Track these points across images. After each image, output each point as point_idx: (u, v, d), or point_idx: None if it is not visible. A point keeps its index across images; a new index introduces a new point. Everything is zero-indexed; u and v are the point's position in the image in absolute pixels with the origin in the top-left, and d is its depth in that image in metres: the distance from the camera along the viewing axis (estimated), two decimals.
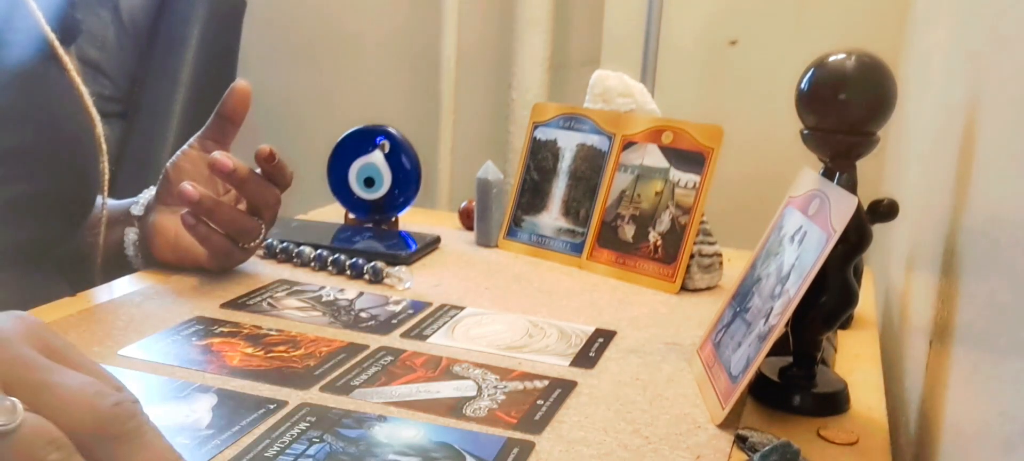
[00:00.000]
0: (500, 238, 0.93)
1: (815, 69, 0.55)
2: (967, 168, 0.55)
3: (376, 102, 1.94)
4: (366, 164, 0.93)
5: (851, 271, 0.56)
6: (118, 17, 1.74)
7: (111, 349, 0.61)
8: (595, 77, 0.91)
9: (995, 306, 0.43)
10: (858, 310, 0.68)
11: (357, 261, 0.80)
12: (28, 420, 0.34)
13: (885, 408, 0.59)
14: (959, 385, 0.49)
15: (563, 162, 0.91)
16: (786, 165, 0.68)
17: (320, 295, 0.75)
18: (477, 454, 0.49)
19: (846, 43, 0.55)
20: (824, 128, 0.55)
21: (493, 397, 0.56)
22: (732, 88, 1.61)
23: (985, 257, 0.47)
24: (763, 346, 0.53)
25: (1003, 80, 0.49)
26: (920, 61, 1.03)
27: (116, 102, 1.75)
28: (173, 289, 0.74)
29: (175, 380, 0.57)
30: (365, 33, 1.95)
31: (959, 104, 0.62)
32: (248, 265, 0.81)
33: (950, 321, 0.53)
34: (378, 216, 0.95)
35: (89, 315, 0.67)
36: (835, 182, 0.56)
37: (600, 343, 0.67)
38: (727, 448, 0.52)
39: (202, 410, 0.53)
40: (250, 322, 0.68)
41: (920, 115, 0.90)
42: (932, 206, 0.69)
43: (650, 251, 0.82)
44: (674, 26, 1.58)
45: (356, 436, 0.50)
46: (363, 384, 0.57)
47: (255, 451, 0.48)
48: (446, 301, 0.74)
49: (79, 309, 0.68)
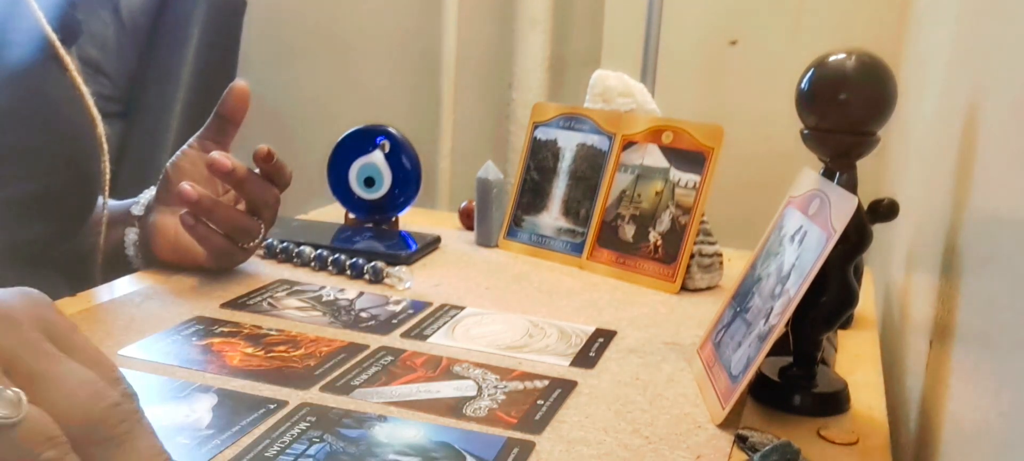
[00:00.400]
0: (500, 238, 0.93)
1: (815, 69, 0.55)
2: (967, 168, 0.55)
3: (376, 102, 1.94)
4: (366, 164, 0.93)
5: (851, 271, 0.56)
6: (118, 17, 1.74)
7: (111, 349, 0.61)
8: (595, 77, 0.91)
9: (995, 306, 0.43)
10: (858, 310, 0.68)
11: (357, 261, 0.80)
12: (31, 414, 0.33)
13: (885, 408, 0.59)
14: (959, 385, 0.49)
15: (563, 162, 0.91)
16: (786, 165, 0.68)
17: (320, 295, 0.75)
18: (477, 454, 0.49)
19: (846, 43, 0.55)
20: (824, 128, 0.55)
21: (493, 397, 0.56)
22: (732, 88, 1.61)
23: (985, 257, 0.47)
24: (763, 346, 0.53)
25: (1003, 80, 0.49)
26: (920, 61, 1.03)
27: (116, 102, 1.75)
28: (173, 289, 0.74)
29: (175, 380, 0.57)
30: (365, 33, 1.95)
31: (959, 104, 0.62)
32: (248, 265, 0.81)
33: (950, 321, 0.53)
34: (378, 216, 0.95)
35: (89, 315, 0.67)
36: (835, 182, 0.56)
37: (600, 343, 0.67)
38: (727, 448, 0.52)
39: (202, 410, 0.53)
40: (250, 322, 0.68)
41: (920, 115, 0.90)
42: (932, 206, 0.69)
43: (650, 251, 0.82)
44: (674, 26, 1.58)
45: (356, 436, 0.50)
46: (363, 384, 0.57)
47: (255, 451, 0.48)
48: (446, 301, 0.74)
49: (79, 309, 0.68)
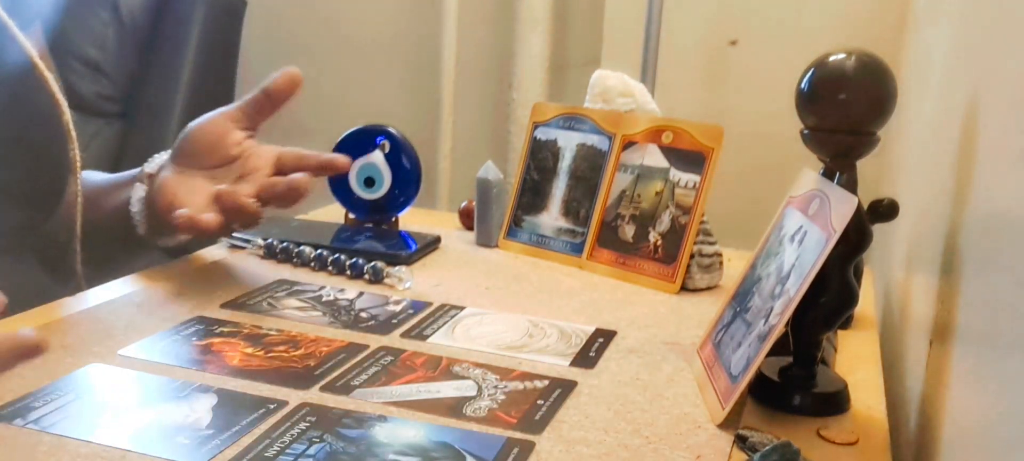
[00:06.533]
0: (500, 238, 0.93)
1: (815, 69, 0.55)
2: (967, 168, 0.55)
3: (376, 102, 1.94)
4: (366, 164, 0.93)
5: (851, 271, 0.56)
6: (118, 17, 1.74)
7: (111, 349, 0.61)
8: (595, 77, 0.91)
9: (995, 306, 0.43)
10: (858, 310, 0.68)
11: (357, 261, 0.80)
12: None
13: (885, 408, 0.59)
14: (959, 385, 0.49)
15: (563, 162, 0.91)
16: (786, 165, 0.68)
17: (320, 295, 0.75)
18: (477, 454, 0.49)
19: (846, 43, 0.55)
20: (824, 128, 0.55)
21: (493, 397, 0.56)
22: (732, 88, 1.61)
23: (985, 257, 0.47)
24: (763, 346, 0.53)
25: (1003, 80, 0.49)
26: (920, 61, 1.03)
27: (116, 102, 1.75)
28: (173, 289, 0.74)
29: (175, 380, 0.57)
30: (365, 33, 1.95)
31: (959, 104, 0.62)
32: (248, 265, 0.81)
33: (950, 321, 0.53)
34: (378, 216, 0.94)
35: (89, 315, 0.67)
36: (835, 182, 0.56)
37: (600, 343, 0.67)
38: (727, 448, 0.52)
39: (202, 410, 0.53)
40: (250, 322, 0.68)
41: (920, 115, 0.90)
42: (932, 206, 0.69)
43: (650, 251, 0.82)
44: (674, 26, 1.58)
45: (356, 436, 0.50)
46: (363, 384, 0.57)
47: (255, 451, 0.48)
48: (446, 301, 0.74)
49: (79, 309, 0.68)
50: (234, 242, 0.87)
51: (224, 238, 0.88)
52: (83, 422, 0.51)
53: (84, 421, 0.51)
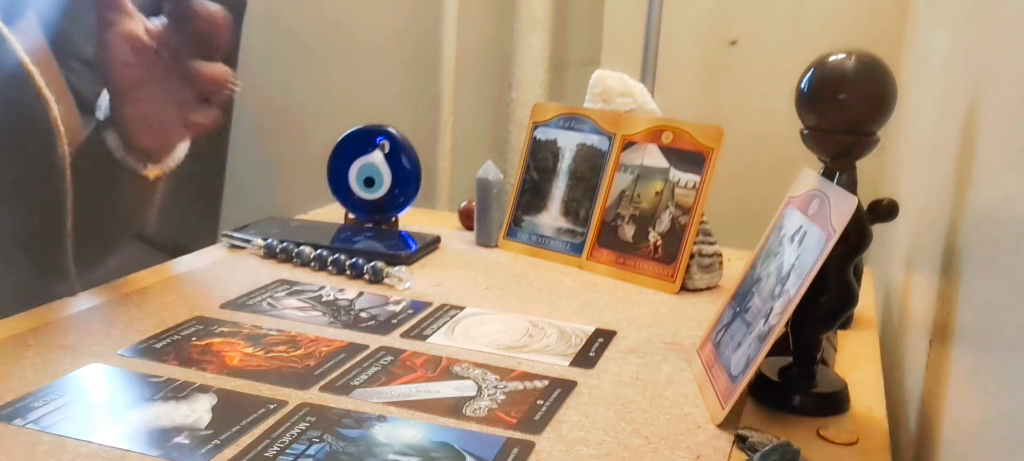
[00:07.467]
0: (500, 238, 0.93)
1: (815, 69, 0.55)
2: (967, 168, 0.55)
3: (376, 102, 1.94)
4: (366, 164, 0.93)
5: (851, 271, 0.56)
6: None
7: (111, 349, 0.61)
8: (595, 77, 0.91)
9: (995, 306, 0.43)
10: (858, 310, 0.68)
11: (357, 261, 0.80)
12: None
13: (885, 408, 0.59)
14: (959, 385, 0.49)
15: (563, 162, 0.91)
16: (786, 165, 0.68)
17: (320, 295, 0.75)
18: (477, 454, 0.49)
19: (846, 43, 0.55)
20: (824, 128, 0.55)
21: (493, 397, 0.56)
22: (732, 88, 1.61)
23: (985, 257, 0.47)
24: (763, 346, 0.53)
25: (1003, 80, 0.49)
26: (920, 61, 1.03)
27: None
28: (173, 289, 0.74)
29: (175, 380, 0.57)
30: (365, 33, 1.95)
31: (959, 104, 0.62)
32: (248, 265, 0.81)
33: (950, 321, 0.53)
34: (378, 216, 0.94)
35: (89, 315, 0.67)
36: (835, 182, 0.56)
37: (600, 343, 0.67)
38: (727, 448, 0.52)
39: (202, 410, 0.53)
40: (250, 322, 0.68)
41: (920, 115, 0.90)
42: (932, 206, 0.69)
43: (650, 251, 0.82)
44: (674, 26, 1.58)
45: (356, 436, 0.50)
46: (363, 384, 0.57)
47: (255, 451, 0.48)
48: (446, 301, 0.74)
49: (79, 309, 0.68)
50: (234, 242, 0.87)
51: (224, 238, 0.88)
52: (83, 422, 0.51)
53: (84, 421, 0.51)
